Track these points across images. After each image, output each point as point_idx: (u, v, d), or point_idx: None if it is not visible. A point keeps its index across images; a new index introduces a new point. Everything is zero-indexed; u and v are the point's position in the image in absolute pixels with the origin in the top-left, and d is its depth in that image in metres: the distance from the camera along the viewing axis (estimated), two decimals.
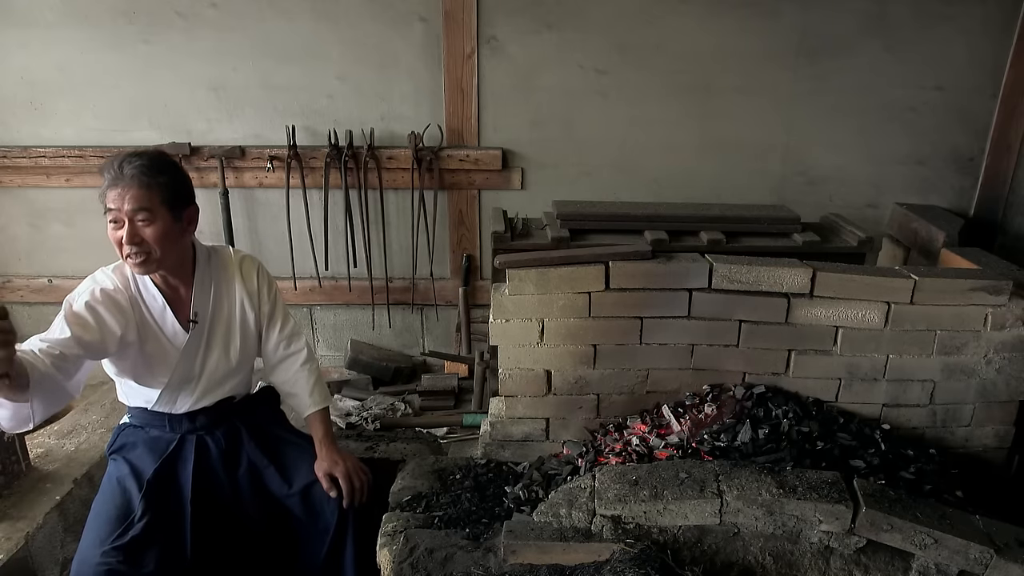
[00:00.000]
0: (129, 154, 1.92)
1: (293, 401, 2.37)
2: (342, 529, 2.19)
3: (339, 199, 3.44)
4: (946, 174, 3.51)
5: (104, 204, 1.91)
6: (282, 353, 2.30)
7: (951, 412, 2.44)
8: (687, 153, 3.47)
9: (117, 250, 1.96)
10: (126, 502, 2.04)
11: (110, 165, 1.91)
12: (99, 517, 2.03)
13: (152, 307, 2.05)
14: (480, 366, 3.23)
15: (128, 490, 2.06)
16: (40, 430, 3.13)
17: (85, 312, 1.92)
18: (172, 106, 3.41)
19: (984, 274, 2.37)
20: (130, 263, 1.96)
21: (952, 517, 1.98)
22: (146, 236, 1.92)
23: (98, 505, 2.08)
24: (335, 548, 2.21)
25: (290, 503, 2.22)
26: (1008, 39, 3.28)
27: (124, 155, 1.92)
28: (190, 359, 2.11)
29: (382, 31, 3.30)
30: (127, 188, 1.88)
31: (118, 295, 2.00)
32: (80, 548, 2.00)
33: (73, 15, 3.27)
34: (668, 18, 3.27)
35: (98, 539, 1.96)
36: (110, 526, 1.98)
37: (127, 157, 1.91)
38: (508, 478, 2.43)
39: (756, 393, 2.36)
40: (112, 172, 1.89)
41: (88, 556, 1.94)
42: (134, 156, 1.92)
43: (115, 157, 1.92)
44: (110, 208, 1.90)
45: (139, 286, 2.05)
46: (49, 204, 3.57)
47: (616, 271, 2.31)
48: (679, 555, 2.00)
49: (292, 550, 2.27)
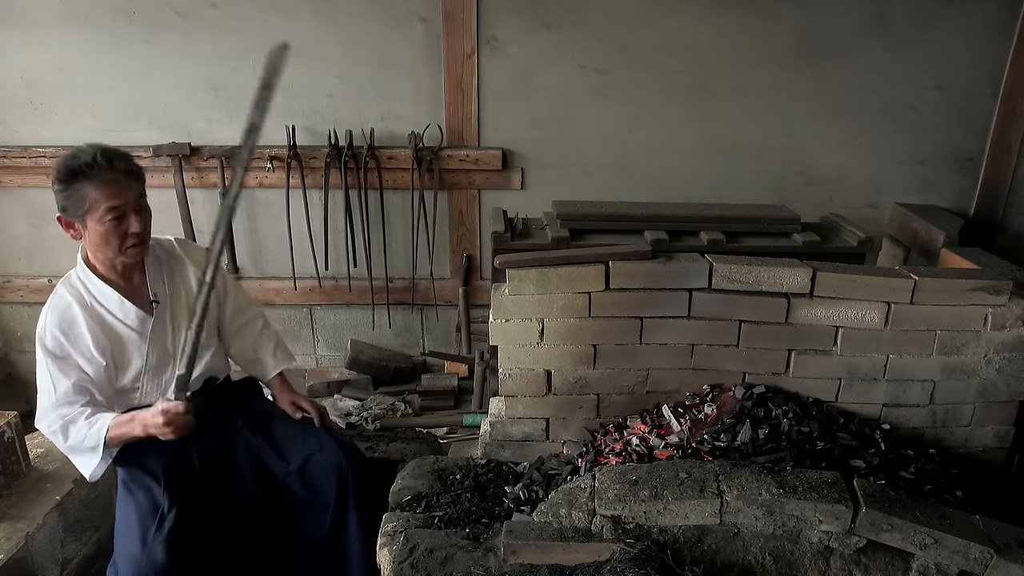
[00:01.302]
0: (105, 150, 1.94)
1: (256, 368, 2.44)
2: (343, 503, 2.24)
3: (339, 199, 3.44)
4: (946, 174, 3.51)
5: (93, 204, 1.93)
6: (239, 322, 2.39)
7: (951, 412, 2.44)
8: (687, 153, 3.47)
9: (114, 245, 1.99)
10: (150, 498, 2.08)
11: (92, 166, 1.91)
12: (129, 518, 2.08)
13: (108, 304, 2.08)
14: (480, 366, 3.23)
15: (148, 486, 2.09)
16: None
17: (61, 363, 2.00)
18: (172, 106, 3.41)
19: (984, 274, 2.37)
20: (129, 254, 2.03)
21: (952, 517, 1.98)
22: (145, 224, 2.02)
23: (124, 510, 2.12)
24: (338, 522, 2.26)
25: (289, 480, 2.27)
26: (1008, 39, 3.28)
27: (99, 152, 1.93)
28: (160, 339, 2.15)
29: (382, 31, 3.30)
30: (125, 181, 1.96)
31: (72, 312, 2.03)
32: (123, 550, 2.07)
33: (73, 15, 3.27)
34: (668, 18, 3.27)
35: (138, 538, 2.03)
36: (144, 523, 2.05)
37: (106, 154, 1.93)
38: (508, 478, 2.43)
39: (756, 393, 2.36)
40: (101, 171, 1.92)
41: (135, 555, 2.01)
42: (112, 152, 1.95)
43: (84, 158, 1.91)
44: (113, 205, 1.93)
45: (91, 290, 2.07)
46: (49, 204, 3.48)
47: (616, 271, 2.30)
48: (679, 555, 2.00)
49: (295, 529, 2.31)
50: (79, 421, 1.99)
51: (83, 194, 1.93)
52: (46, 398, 2.00)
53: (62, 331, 2.01)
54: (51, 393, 1.99)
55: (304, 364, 3.81)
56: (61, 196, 1.96)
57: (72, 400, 1.99)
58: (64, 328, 2.01)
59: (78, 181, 1.92)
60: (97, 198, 1.93)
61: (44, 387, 2.01)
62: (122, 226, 1.97)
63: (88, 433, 1.98)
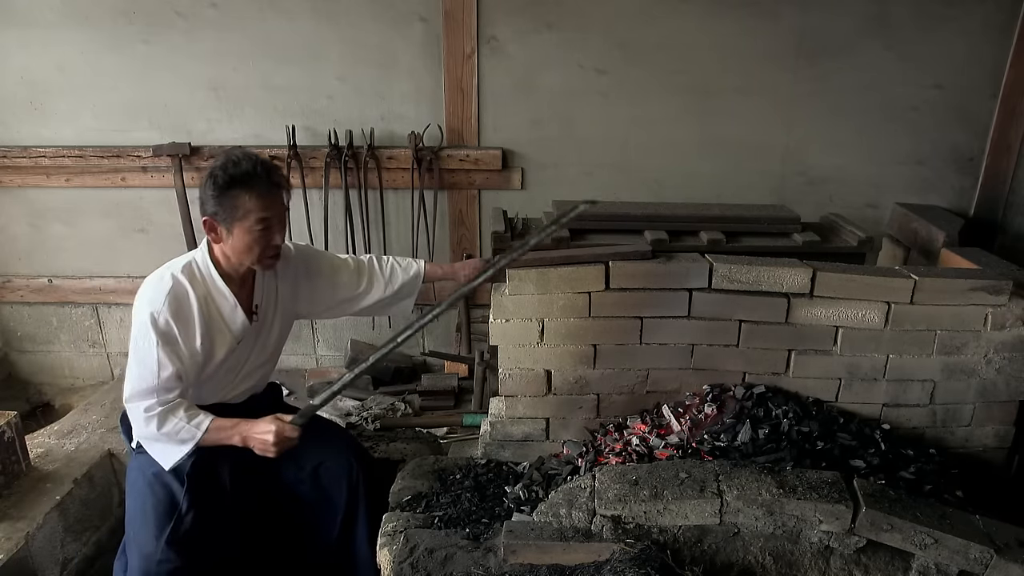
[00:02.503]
0: (264, 161, 1.99)
1: (407, 290, 2.39)
2: (352, 507, 2.25)
3: (339, 199, 3.43)
4: (946, 174, 3.51)
5: (246, 213, 1.95)
6: (350, 283, 2.32)
7: (951, 412, 2.44)
8: (687, 153, 3.47)
9: (255, 253, 2.01)
10: (168, 496, 2.08)
11: (252, 175, 1.94)
12: (145, 513, 2.09)
13: (222, 305, 2.08)
14: (480, 366, 3.23)
15: (168, 484, 2.09)
16: (40, 430, 3.14)
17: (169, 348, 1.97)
18: (172, 106, 3.41)
19: (984, 274, 2.37)
20: (266, 264, 2.07)
21: (952, 517, 1.98)
22: (284, 236, 2.08)
23: (138, 501, 2.12)
24: (347, 526, 2.27)
25: (301, 490, 2.27)
26: (1008, 39, 3.27)
27: (260, 163, 1.97)
28: (247, 347, 2.17)
29: (382, 31, 3.30)
30: (278, 194, 2.01)
31: (189, 302, 2.01)
32: (137, 543, 2.08)
33: (73, 15, 3.27)
34: (668, 18, 3.27)
35: (153, 535, 2.04)
36: (160, 519, 2.06)
37: (264, 165, 1.98)
38: (508, 478, 2.43)
39: (756, 393, 2.36)
40: (260, 182, 1.96)
41: (149, 551, 2.03)
42: (269, 164, 2.01)
43: (245, 167, 1.94)
44: (264, 216, 1.97)
45: (209, 287, 2.06)
46: (49, 204, 3.57)
47: (616, 271, 2.31)
48: (679, 555, 2.00)
49: (304, 532, 2.32)
50: (179, 412, 1.98)
51: (239, 202, 1.94)
52: (146, 379, 1.96)
53: (176, 317, 1.98)
54: (154, 376, 1.96)
55: (304, 364, 3.81)
56: (214, 201, 1.95)
57: (172, 387, 1.98)
58: (179, 314, 1.99)
59: (235, 189, 1.94)
60: (251, 208, 1.95)
61: (146, 368, 1.96)
62: (267, 237, 2.00)
63: (186, 427, 1.98)
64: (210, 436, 2.00)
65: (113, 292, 3.68)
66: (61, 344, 3.81)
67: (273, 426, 1.99)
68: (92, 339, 3.79)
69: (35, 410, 3.77)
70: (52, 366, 3.86)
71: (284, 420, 2.03)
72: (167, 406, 1.97)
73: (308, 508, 2.30)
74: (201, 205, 2.00)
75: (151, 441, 2.03)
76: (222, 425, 2.02)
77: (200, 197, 2.00)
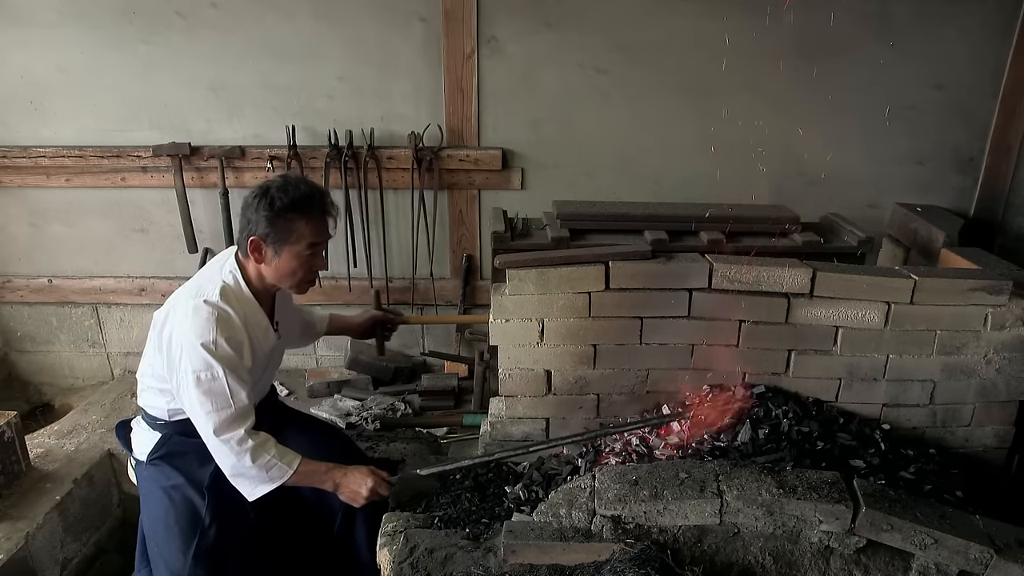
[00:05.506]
0: (319, 187, 2.04)
1: (312, 328, 2.54)
2: (351, 509, 2.23)
3: (339, 199, 3.42)
4: (946, 174, 3.51)
5: (299, 237, 1.96)
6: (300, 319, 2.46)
7: (951, 412, 2.44)
8: (687, 153, 3.47)
9: (297, 277, 2.03)
10: (190, 510, 2.08)
11: (311, 200, 1.96)
12: (168, 527, 2.09)
13: (260, 324, 2.08)
14: (480, 366, 3.23)
15: (189, 498, 2.09)
16: (40, 430, 3.14)
17: (235, 373, 1.96)
18: (172, 106, 3.41)
19: (984, 274, 2.37)
20: (303, 287, 2.08)
21: (952, 517, 1.98)
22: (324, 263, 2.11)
23: (159, 514, 2.11)
24: (346, 528, 2.28)
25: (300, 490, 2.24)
26: (1008, 39, 3.27)
27: (316, 190, 2.01)
28: (275, 363, 2.23)
29: (382, 31, 3.30)
30: (329, 220, 2.03)
31: (236, 325, 2.00)
32: (164, 559, 2.09)
33: (73, 15, 3.27)
34: (668, 18, 3.27)
35: (179, 550, 2.06)
36: (184, 534, 2.06)
37: (320, 191, 2.02)
38: (508, 478, 2.42)
39: (756, 393, 2.36)
40: (316, 208, 1.98)
41: (177, 568, 2.05)
42: (323, 190, 2.04)
43: (304, 190, 1.97)
44: (315, 242, 2.00)
45: (247, 307, 2.05)
46: (49, 204, 3.57)
47: (616, 271, 2.30)
48: (679, 555, 2.00)
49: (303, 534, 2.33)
50: (272, 449, 1.98)
51: (293, 226, 1.95)
52: (224, 410, 1.94)
53: (230, 342, 1.96)
54: (229, 404, 1.94)
55: (304, 364, 3.81)
56: (266, 222, 1.94)
57: (248, 411, 1.97)
58: (232, 339, 1.97)
59: (292, 212, 1.93)
60: (305, 233, 1.96)
61: (219, 398, 1.93)
62: (312, 262, 2.02)
63: (279, 464, 1.98)
64: (299, 478, 2.01)
65: (113, 292, 3.68)
66: (61, 344, 3.81)
67: (370, 481, 2.03)
68: (92, 339, 3.79)
69: (35, 410, 3.77)
70: (52, 366, 3.86)
71: (380, 475, 2.06)
72: (258, 440, 1.96)
73: (307, 508, 2.29)
74: (248, 225, 1.97)
75: (239, 474, 1.99)
76: (316, 469, 2.04)
77: (248, 217, 1.97)
